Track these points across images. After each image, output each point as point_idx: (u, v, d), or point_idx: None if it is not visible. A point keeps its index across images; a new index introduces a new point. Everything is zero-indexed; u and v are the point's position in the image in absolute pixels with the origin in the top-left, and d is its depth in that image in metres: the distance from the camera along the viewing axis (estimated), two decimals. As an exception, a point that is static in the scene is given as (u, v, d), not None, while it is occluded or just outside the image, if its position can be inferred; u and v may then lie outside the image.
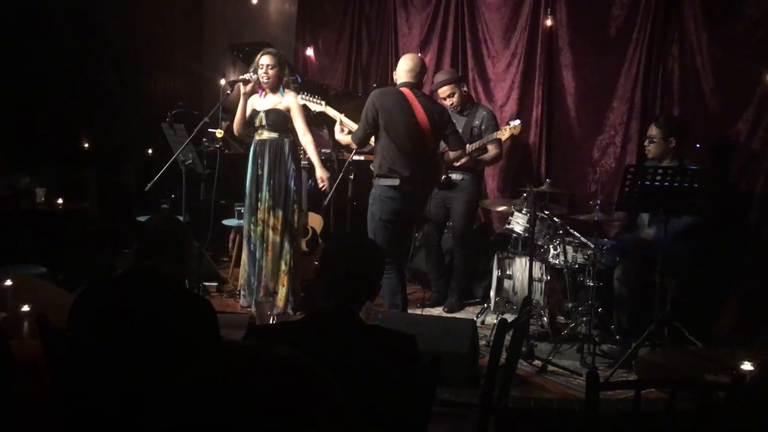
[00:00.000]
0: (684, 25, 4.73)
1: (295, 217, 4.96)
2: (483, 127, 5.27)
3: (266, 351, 0.86)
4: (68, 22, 6.84)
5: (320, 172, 4.91)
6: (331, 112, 5.26)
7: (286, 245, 4.92)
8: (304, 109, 5.03)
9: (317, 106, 5.34)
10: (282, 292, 4.93)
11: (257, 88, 4.90)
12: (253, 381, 0.81)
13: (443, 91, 5.28)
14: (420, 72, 4.57)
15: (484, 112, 5.35)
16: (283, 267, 4.93)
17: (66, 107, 6.85)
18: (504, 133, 5.15)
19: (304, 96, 5.24)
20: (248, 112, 4.96)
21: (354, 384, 1.85)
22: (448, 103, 5.27)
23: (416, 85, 4.54)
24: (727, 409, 1.91)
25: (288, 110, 4.85)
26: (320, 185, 4.95)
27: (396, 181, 4.42)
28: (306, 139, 4.88)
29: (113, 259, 6.07)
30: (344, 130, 4.87)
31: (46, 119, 6.68)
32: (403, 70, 4.55)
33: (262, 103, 4.91)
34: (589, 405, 2.01)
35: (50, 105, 6.72)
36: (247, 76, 4.86)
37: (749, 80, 4.44)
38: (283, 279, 4.94)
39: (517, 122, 5.16)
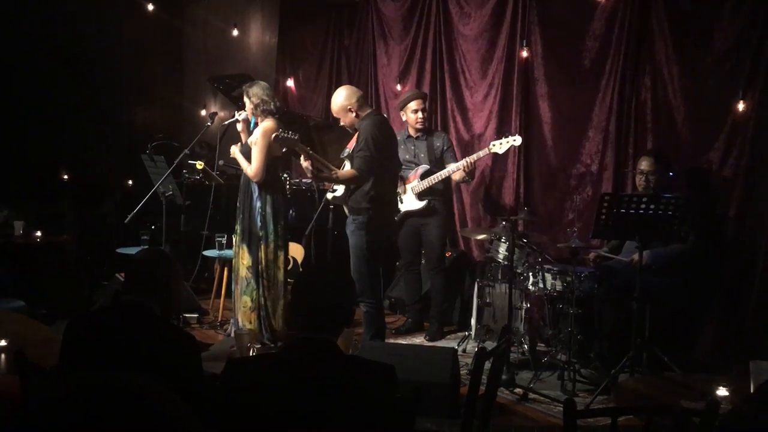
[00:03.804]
0: (655, 57, 4.84)
1: (261, 255, 4.75)
2: (444, 148, 5.42)
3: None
4: (47, 55, 6.85)
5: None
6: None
7: (252, 282, 4.77)
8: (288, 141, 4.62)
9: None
10: (249, 328, 4.71)
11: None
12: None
13: (419, 102, 5.35)
14: None
15: (444, 134, 5.59)
16: (249, 304, 4.78)
17: (45, 139, 6.84)
18: (500, 147, 5.09)
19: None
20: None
21: (333, 415, 1.86)
22: (420, 116, 5.36)
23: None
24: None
25: (255, 143, 4.72)
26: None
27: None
28: (251, 170, 4.66)
29: (92, 291, 6.02)
30: (320, 169, 4.69)
31: (24, 152, 6.67)
32: (361, 96, 4.56)
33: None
34: (567, 433, 2.03)
35: (29, 137, 6.71)
36: (238, 116, 4.89)
37: (719, 110, 4.55)
38: (250, 315, 4.78)
39: (518, 138, 5.09)
